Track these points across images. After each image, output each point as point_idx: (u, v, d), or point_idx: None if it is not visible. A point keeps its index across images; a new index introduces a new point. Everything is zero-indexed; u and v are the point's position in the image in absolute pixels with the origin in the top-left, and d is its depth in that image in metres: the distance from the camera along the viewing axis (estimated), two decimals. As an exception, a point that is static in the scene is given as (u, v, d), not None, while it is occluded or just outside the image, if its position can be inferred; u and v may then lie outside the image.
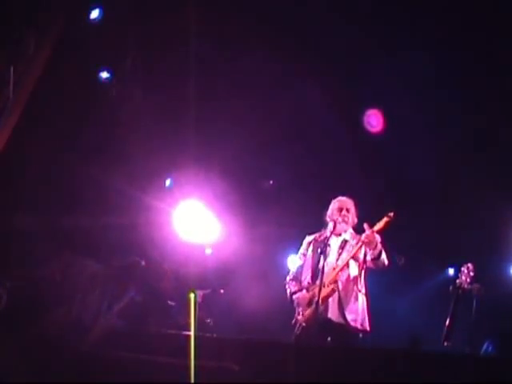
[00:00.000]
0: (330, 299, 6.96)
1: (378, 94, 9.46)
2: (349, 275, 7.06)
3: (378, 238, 6.94)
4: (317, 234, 7.29)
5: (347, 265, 7.06)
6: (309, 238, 7.37)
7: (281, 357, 5.65)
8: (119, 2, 9.35)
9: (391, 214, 6.92)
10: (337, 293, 6.96)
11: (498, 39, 8.69)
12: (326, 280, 6.94)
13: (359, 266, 7.11)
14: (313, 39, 9.24)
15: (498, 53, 8.77)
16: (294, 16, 9.16)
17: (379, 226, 6.95)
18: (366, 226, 6.94)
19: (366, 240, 6.89)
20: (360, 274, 7.12)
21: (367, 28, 8.95)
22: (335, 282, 6.98)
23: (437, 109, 9.37)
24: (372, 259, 6.97)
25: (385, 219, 6.93)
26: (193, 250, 9.07)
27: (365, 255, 7.04)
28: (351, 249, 7.12)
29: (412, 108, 9.29)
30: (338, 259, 7.13)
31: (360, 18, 8.96)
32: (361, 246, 7.00)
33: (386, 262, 7.02)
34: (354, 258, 7.09)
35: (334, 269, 7.04)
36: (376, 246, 6.90)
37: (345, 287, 7.03)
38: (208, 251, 9.88)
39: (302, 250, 7.40)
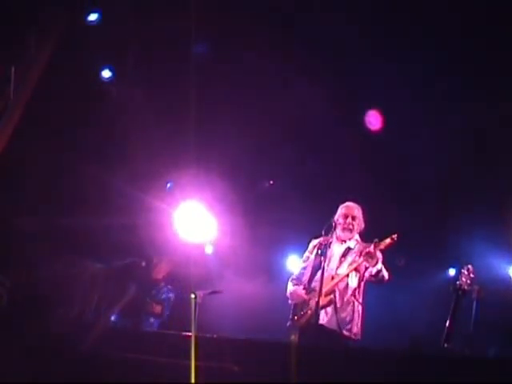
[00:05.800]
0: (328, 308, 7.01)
1: (377, 93, 9.45)
2: (347, 285, 7.08)
3: (379, 256, 6.95)
4: (322, 238, 7.22)
5: (347, 275, 7.08)
6: (314, 242, 7.36)
7: (281, 357, 5.65)
8: (119, 2, 9.36)
9: (395, 237, 6.93)
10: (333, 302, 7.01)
11: (498, 39, 8.69)
12: (324, 288, 6.96)
13: (359, 277, 7.12)
14: (313, 39, 9.24)
15: (497, 52, 8.77)
16: (294, 16, 9.17)
17: (381, 245, 6.96)
18: (372, 245, 6.95)
19: (367, 255, 6.91)
20: (359, 285, 7.13)
21: (367, 28, 8.96)
22: (333, 291, 7.02)
23: (436, 108, 9.37)
24: (371, 275, 7.00)
25: (388, 240, 6.94)
26: (193, 251, 9.08)
27: (365, 269, 7.05)
28: (353, 257, 7.13)
29: (412, 107, 9.29)
30: (339, 267, 7.15)
31: (360, 18, 8.96)
32: (363, 261, 6.99)
33: (386, 277, 7.01)
34: (356, 269, 7.09)
35: (333, 278, 7.06)
36: (376, 263, 6.92)
37: (342, 296, 7.06)
38: (209, 249, 9.90)
39: (307, 252, 7.42)
